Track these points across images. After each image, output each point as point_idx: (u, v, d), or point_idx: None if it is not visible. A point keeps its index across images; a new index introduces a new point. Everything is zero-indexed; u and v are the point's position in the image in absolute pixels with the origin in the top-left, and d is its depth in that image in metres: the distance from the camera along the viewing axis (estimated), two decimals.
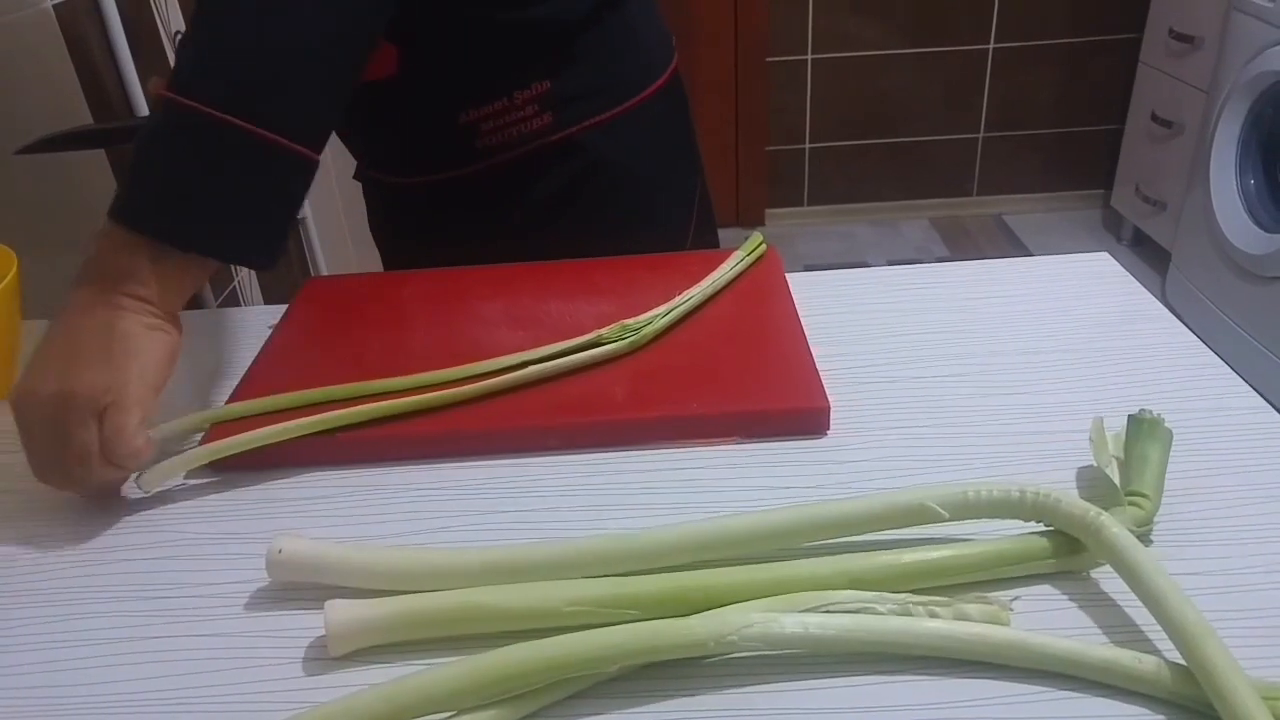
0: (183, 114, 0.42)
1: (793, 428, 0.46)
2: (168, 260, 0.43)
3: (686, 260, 0.59)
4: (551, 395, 0.47)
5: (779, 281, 0.57)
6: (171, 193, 0.43)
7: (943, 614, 0.34)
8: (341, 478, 0.44)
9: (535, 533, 0.40)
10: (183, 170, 0.42)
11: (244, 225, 0.44)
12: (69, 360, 0.40)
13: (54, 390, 0.39)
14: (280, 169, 0.44)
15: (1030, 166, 2.27)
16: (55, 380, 0.40)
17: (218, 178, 0.43)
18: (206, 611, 0.37)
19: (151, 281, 0.42)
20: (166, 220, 0.42)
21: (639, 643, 0.32)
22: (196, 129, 0.42)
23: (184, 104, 0.42)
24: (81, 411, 0.39)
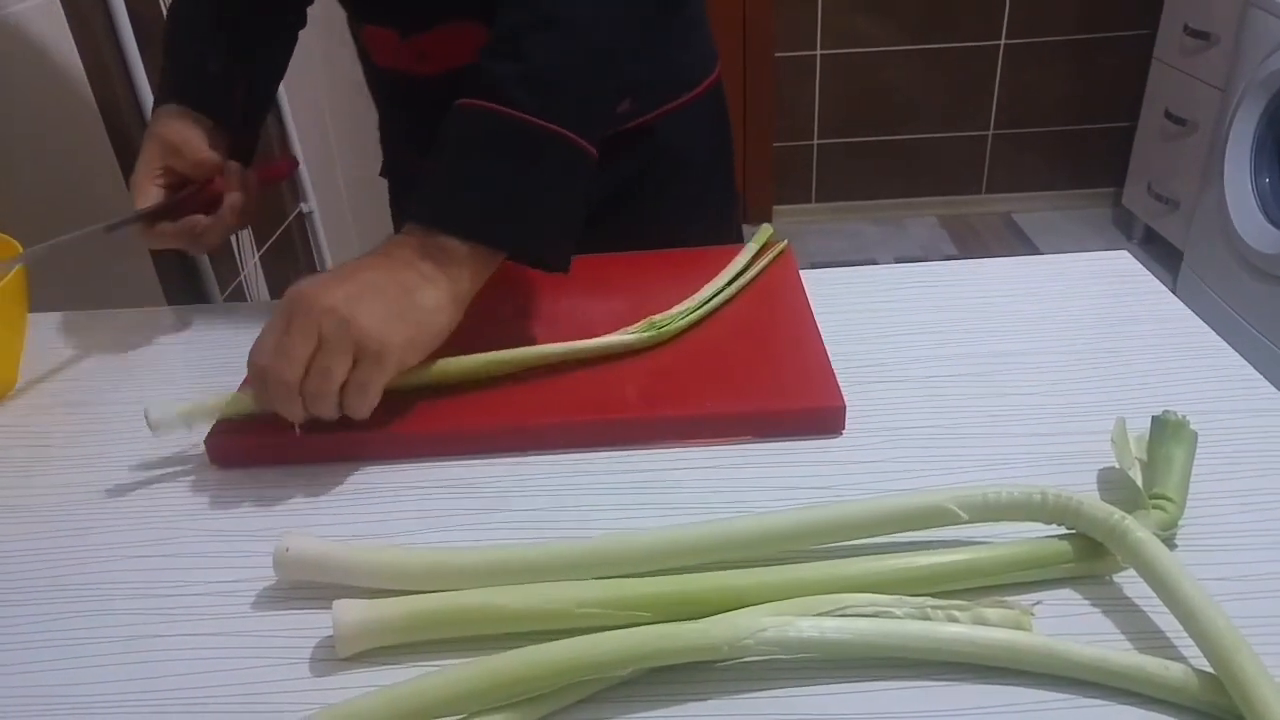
0: (505, 122, 0.44)
1: (807, 427, 0.45)
2: (481, 259, 0.45)
3: (698, 256, 0.59)
4: (564, 393, 0.46)
5: (793, 279, 0.56)
6: (495, 198, 0.45)
7: (962, 618, 0.33)
8: (350, 476, 0.43)
9: (545, 532, 0.39)
10: (508, 177, 0.45)
11: (555, 227, 0.47)
12: (363, 295, 0.42)
13: (338, 310, 0.41)
14: (585, 172, 0.47)
15: (1040, 164, 2.25)
16: (344, 303, 0.41)
17: (525, 178, 0.45)
18: (213, 610, 0.36)
19: (465, 276, 0.45)
20: (490, 224, 0.45)
21: (652, 646, 0.31)
22: (519, 137, 0.45)
23: (506, 113, 0.44)
24: (348, 342, 0.41)
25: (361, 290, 0.42)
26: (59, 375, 0.54)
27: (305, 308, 0.41)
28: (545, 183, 0.46)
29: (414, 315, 0.43)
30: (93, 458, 0.46)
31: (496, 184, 0.45)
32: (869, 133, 2.22)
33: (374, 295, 0.42)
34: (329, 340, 0.41)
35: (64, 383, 0.53)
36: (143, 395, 0.52)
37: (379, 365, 0.42)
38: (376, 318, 0.41)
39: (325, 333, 0.41)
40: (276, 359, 0.41)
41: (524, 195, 0.46)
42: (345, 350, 0.41)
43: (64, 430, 0.49)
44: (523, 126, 0.44)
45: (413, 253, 0.44)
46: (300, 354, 0.41)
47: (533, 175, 0.45)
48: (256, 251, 1.30)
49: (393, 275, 0.43)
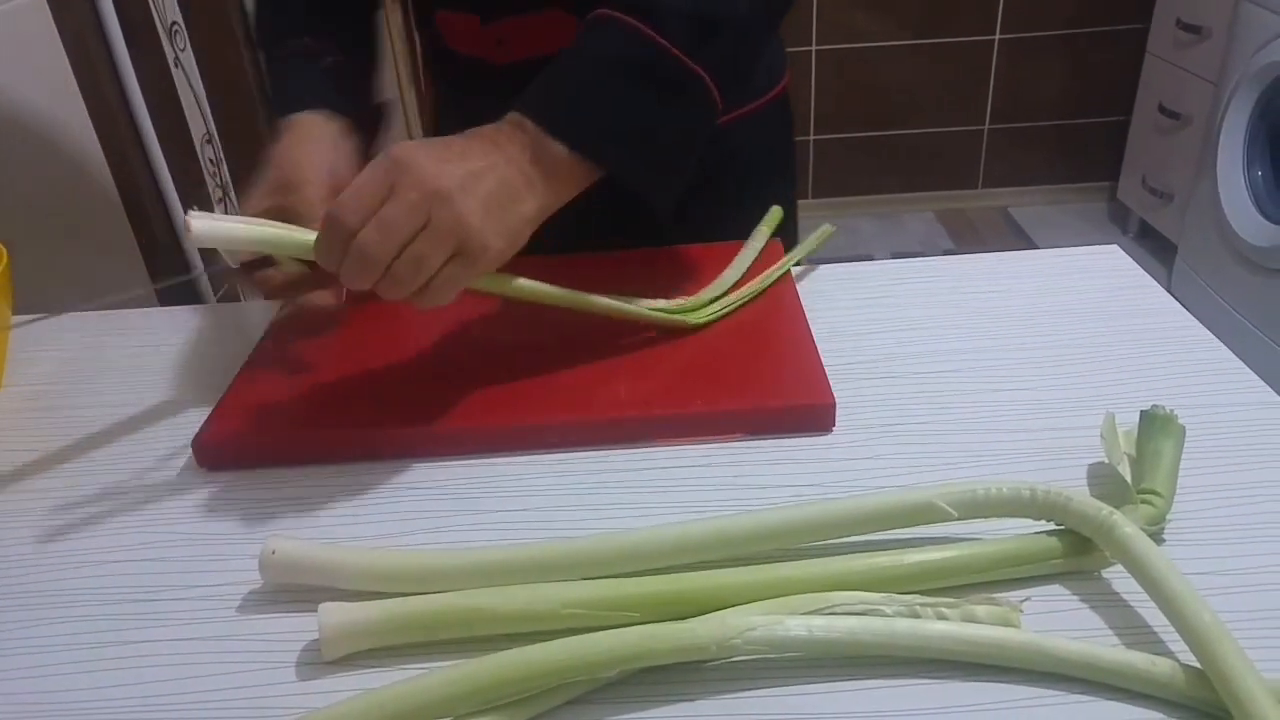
0: (658, 52, 0.43)
1: (798, 424, 0.45)
2: (586, 174, 0.44)
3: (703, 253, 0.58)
4: (555, 393, 0.46)
5: (784, 276, 0.56)
6: (625, 122, 0.44)
7: (951, 615, 0.33)
8: (336, 477, 0.43)
9: (534, 532, 0.39)
10: (642, 105, 0.44)
11: (672, 166, 0.46)
12: (476, 188, 0.40)
13: (454, 199, 0.39)
14: (710, 124, 0.46)
15: (1036, 159, 2.25)
16: (459, 192, 0.39)
17: (663, 111, 0.44)
18: (197, 614, 0.36)
19: (565, 190, 0.43)
20: (612, 147, 0.44)
21: (639, 646, 0.31)
22: (666, 70, 0.43)
23: (662, 45, 0.43)
24: (455, 237, 0.39)
25: (475, 181, 0.40)
26: (46, 377, 0.54)
27: (418, 183, 0.39)
28: (676, 121, 0.45)
29: (514, 223, 0.42)
30: (77, 461, 0.46)
31: (630, 109, 0.44)
32: (865, 128, 2.22)
33: (485, 191, 0.40)
34: (436, 228, 0.39)
35: (51, 385, 0.53)
36: (131, 397, 0.51)
37: (473, 267, 0.40)
38: (485, 217, 0.40)
39: (435, 219, 0.38)
40: (375, 229, 0.38)
41: (653, 127, 0.45)
42: (449, 244, 0.39)
43: (49, 433, 0.48)
44: (673, 62, 0.43)
45: (522, 151, 0.42)
46: (404, 233, 0.38)
47: (667, 111, 0.44)
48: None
49: (498, 170, 0.41)
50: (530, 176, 0.42)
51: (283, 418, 0.45)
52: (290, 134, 0.51)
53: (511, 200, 0.41)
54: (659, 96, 0.44)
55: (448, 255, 0.39)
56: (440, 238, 0.39)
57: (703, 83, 0.45)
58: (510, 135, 0.43)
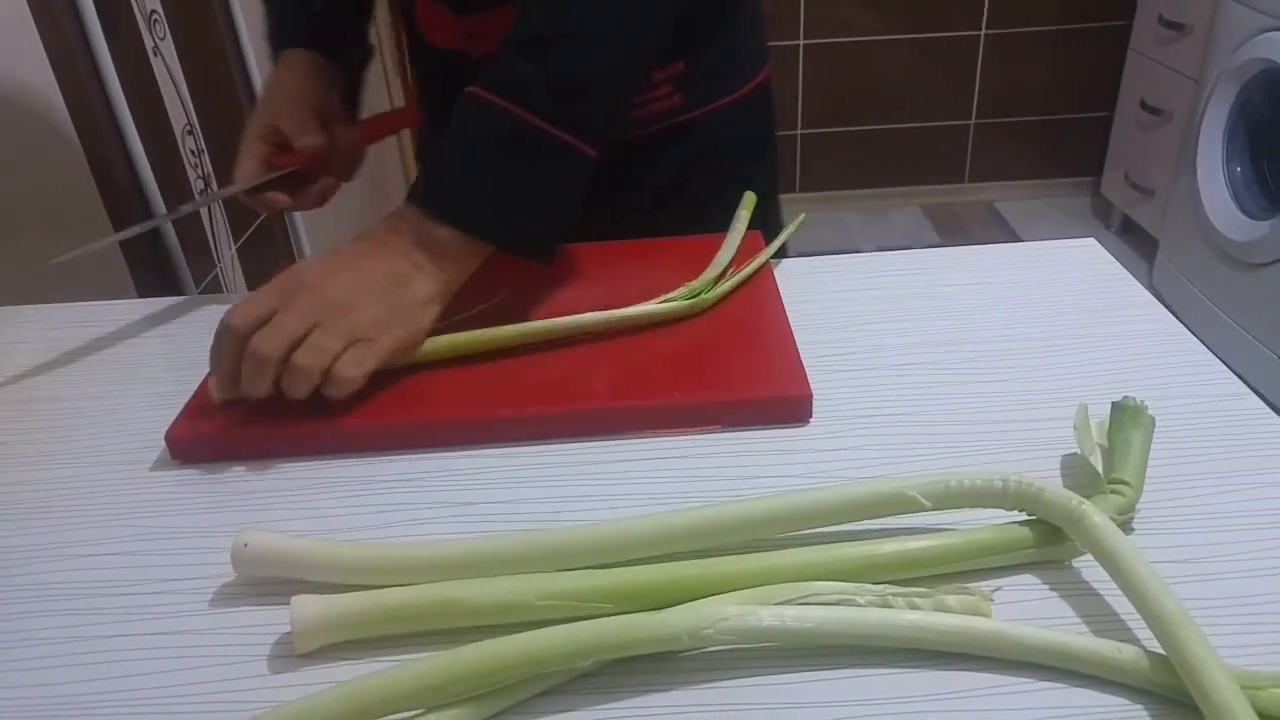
0: (522, 126, 0.46)
1: (774, 417, 0.45)
2: (475, 252, 0.47)
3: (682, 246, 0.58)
4: (530, 385, 0.46)
5: (763, 268, 0.56)
6: (500, 197, 0.47)
7: (923, 605, 0.33)
8: (310, 471, 0.43)
9: (510, 525, 0.39)
10: (516, 178, 0.47)
11: (553, 227, 0.49)
12: (361, 286, 0.44)
13: (338, 300, 0.43)
14: (585, 177, 0.49)
15: (1021, 153, 2.26)
16: (343, 293, 0.43)
17: (535, 180, 0.47)
18: (169, 608, 0.36)
19: (456, 269, 0.47)
20: (492, 222, 0.47)
21: (612, 637, 0.31)
22: (533, 141, 0.46)
23: (525, 118, 0.46)
24: (344, 330, 0.43)
25: (360, 281, 0.44)
26: (21, 368, 0.53)
27: (308, 290, 0.43)
28: (551, 185, 0.48)
29: (404, 305, 0.45)
30: (50, 454, 0.45)
31: (504, 184, 0.47)
32: (853, 122, 2.23)
33: (370, 286, 0.44)
34: (326, 325, 0.43)
35: (26, 377, 0.52)
36: (107, 390, 0.51)
37: (371, 354, 0.43)
38: (373, 306, 0.44)
39: (324, 319, 0.42)
40: (266, 332, 0.42)
41: (529, 196, 0.47)
42: (342, 335, 0.43)
43: (23, 426, 0.48)
44: (538, 133, 0.46)
45: (409, 242, 0.46)
46: (291, 333, 0.42)
47: (540, 178, 0.47)
48: (233, 244, 1.28)
49: (388, 265, 0.45)
50: (418, 262, 0.46)
51: (257, 411, 0.45)
52: (277, 69, 0.59)
53: (399, 286, 0.45)
54: (530, 167, 0.47)
55: (344, 343, 0.43)
56: (333, 330, 0.43)
57: (571, 147, 0.47)
58: (395, 228, 0.47)
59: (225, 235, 1.26)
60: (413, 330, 0.45)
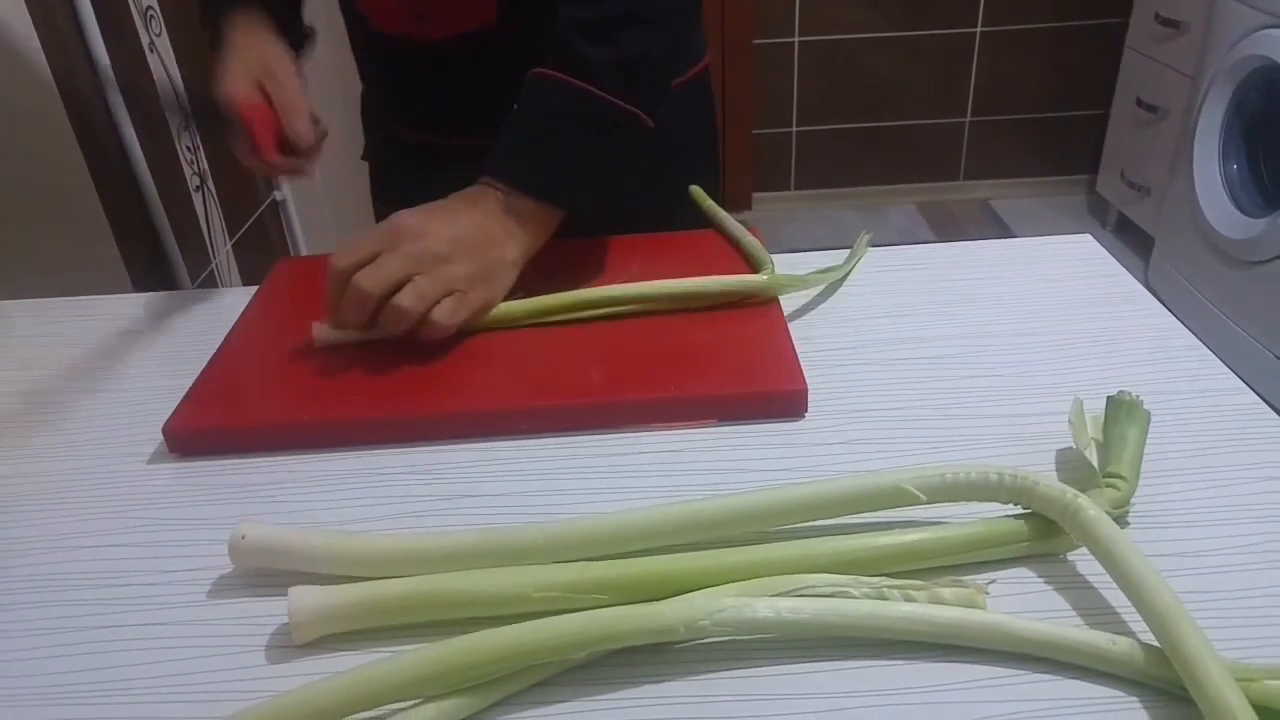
0: (592, 101, 0.49)
1: (770, 410, 0.45)
2: (552, 218, 0.51)
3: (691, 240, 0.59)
4: (528, 379, 0.46)
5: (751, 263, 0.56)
6: (576, 167, 0.51)
7: (918, 597, 0.33)
8: (308, 463, 0.43)
9: (506, 518, 0.39)
10: (588, 149, 0.51)
11: (618, 194, 0.53)
12: (462, 242, 0.47)
13: (442, 251, 0.46)
14: (649, 146, 0.53)
15: (1017, 151, 2.26)
16: (447, 245, 0.46)
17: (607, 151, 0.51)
18: (168, 599, 0.36)
19: (537, 234, 0.51)
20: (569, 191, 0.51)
21: (608, 628, 0.31)
22: (603, 115, 0.50)
23: (595, 94, 0.49)
24: (444, 281, 0.46)
25: (459, 236, 0.47)
26: (18, 361, 0.53)
27: (411, 239, 0.46)
28: (619, 155, 0.52)
29: (495, 265, 0.49)
30: (49, 446, 0.46)
31: (579, 154, 0.51)
32: (848, 120, 2.23)
33: (470, 244, 0.47)
34: (426, 273, 0.45)
35: (23, 371, 0.52)
36: (105, 383, 0.51)
37: (464, 303, 0.47)
38: (469, 262, 0.47)
39: (425, 268, 0.45)
40: (369, 271, 0.45)
41: (600, 166, 0.52)
42: (438, 285, 0.46)
43: (23, 418, 0.48)
44: (608, 107, 0.50)
45: (497, 205, 0.50)
46: (392, 272, 0.45)
47: (610, 149, 0.51)
48: (229, 239, 1.28)
49: (481, 225, 0.48)
50: (507, 226, 0.50)
51: (254, 404, 0.45)
52: (244, 28, 0.58)
53: (490, 245, 0.49)
54: (601, 139, 0.51)
55: (441, 292, 0.46)
56: (432, 278, 0.46)
57: (638, 118, 0.51)
58: (484, 193, 0.50)
59: (221, 231, 1.26)
60: (497, 290, 0.49)
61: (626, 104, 0.50)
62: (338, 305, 0.46)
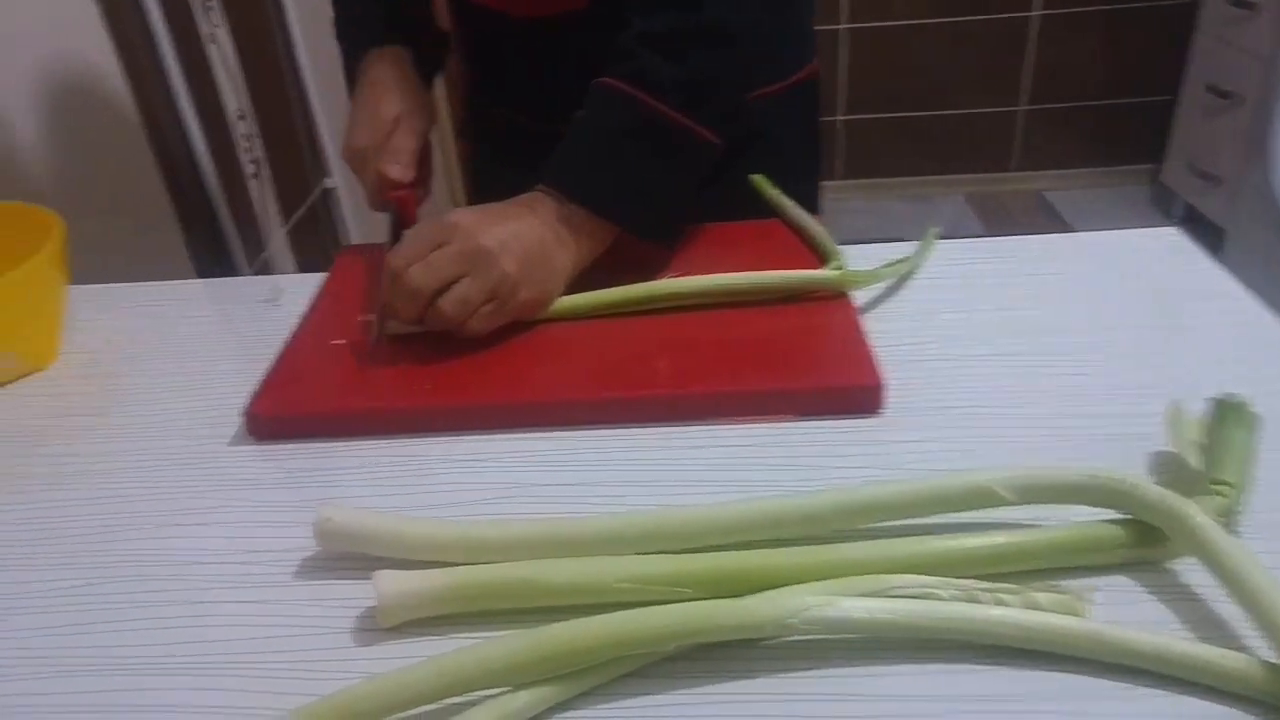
0: (657, 117, 0.49)
1: (845, 406, 0.44)
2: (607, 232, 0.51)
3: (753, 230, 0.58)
4: (594, 368, 0.46)
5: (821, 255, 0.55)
6: (635, 183, 0.50)
7: (1011, 602, 0.32)
8: (383, 449, 0.43)
9: (579, 507, 0.39)
10: (649, 166, 0.50)
11: (678, 212, 0.53)
12: (514, 244, 0.47)
13: (493, 251, 0.46)
14: (710, 165, 0.52)
15: (1074, 141, 2.19)
16: (499, 246, 0.46)
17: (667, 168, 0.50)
18: (256, 578, 0.36)
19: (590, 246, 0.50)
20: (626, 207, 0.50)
21: (697, 622, 0.31)
22: (667, 133, 0.49)
23: (661, 111, 0.48)
24: (492, 282, 0.46)
25: (514, 239, 0.47)
26: (99, 345, 0.54)
27: (464, 237, 0.46)
28: (680, 174, 0.51)
29: (546, 275, 0.48)
30: (133, 427, 0.47)
31: (638, 171, 0.50)
32: (897, 108, 2.18)
33: (522, 247, 0.47)
34: (477, 276, 0.45)
35: (102, 354, 0.54)
36: (182, 366, 0.52)
37: (504, 310, 0.47)
38: (520, 269, 0.46)
39: (477, 269, 0.45)
40: (420, 267, 0.45)
41: (660, 184, 0.50)
42: (486, 288, 0.45)
43: (104, 400, 0.49)
44: (673, 125, 0.49)
45: (553, 213, 0.49)
46: (445, 273, 0.45)
47: (671, 167, 0.50)
48: (284, 226, 1.30)
49: (535, 231, 0.48)
50: (561, 235, 0.49)
51: (333, 390, 0.45)
52: (374, 74, 0.58)
53: (545, 256, 0.48)
54: (663, 157, 0.50)
55: (485, 297, 0.46)
56: (480, 284, 0.45)
57: (703, 138, 0.50)
58: (540, 200, 0.49)
59: (275, 217, 1.29)
60: (543, 295, 0.48)
61: (692, 123, 0.49)
62: (392, 301, 0.46)
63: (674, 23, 0.49)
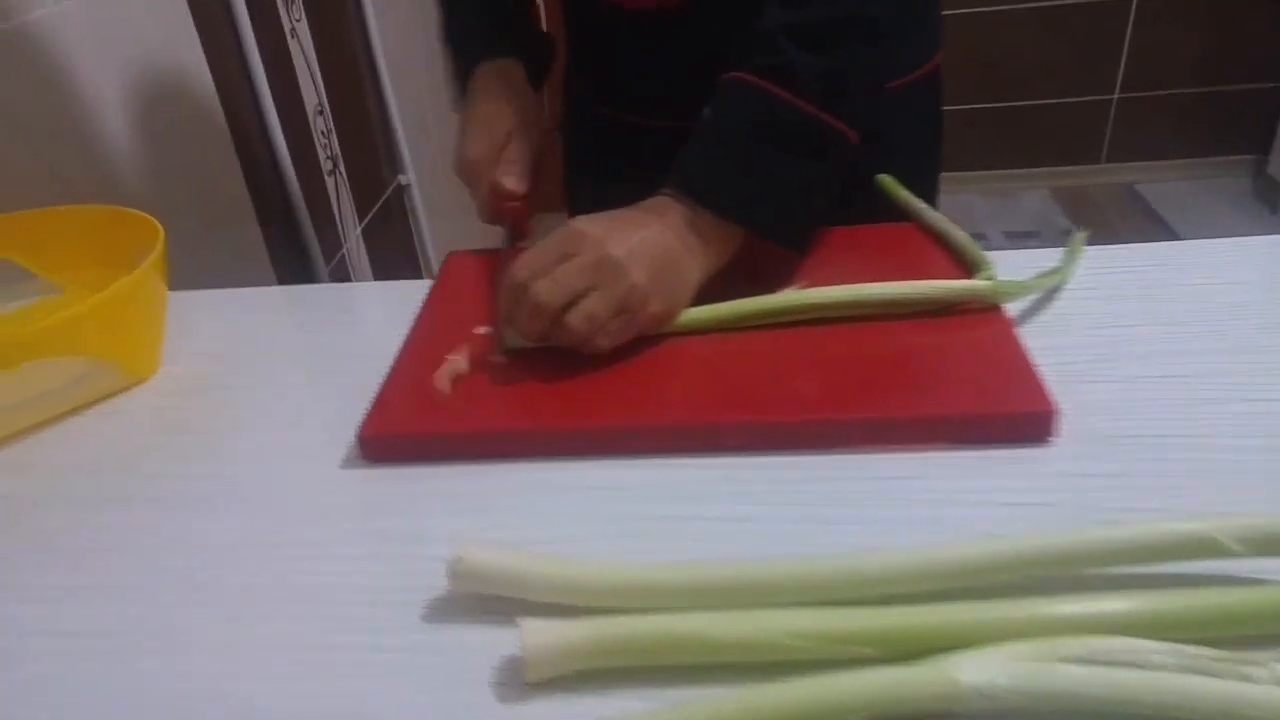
0: (794, 114, 0.45)
1: (1011, 434, 0.39)
2: (739, 238, 0.47)
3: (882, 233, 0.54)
4: (730, 389, 0.42)
5: (969, 267, 0.50)
6: (770, 186, 0.46)
7: (1256, 675, 0.27)
8: (509, 473, 0.40)
9: (726, 544, 0.35)
10: (787, 168, 0.46)
11: (814, 217, 0.49)
12: (642, 255, 0.43)
13: (622, 263, 0.43)
14: (849, 164, 0.48)
15: (1169, 130, 2.06)
16: (627, 257, 0.43)
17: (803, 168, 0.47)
18: (380, 620, 0.33)
19: (721, 253, 0.47)
20: (761, 212, 0.47)
21: (892, 691, 0.27)
22: (806, 131, 0.45)
23: (799, 107, 0.45)
24: (620, 296, 0.42)
25: (639, 249, 0.43)
26: (201, 357, 0.53)
27: (591, 247, 0.43)
28: (819, 175, 0.47)
29: (675, 286, 0.45)
30: (239, 448, 0.44)
31: (772, 172, 0.46)
32: (978, 99, 2.08)
33: (651, 257, 0.44)
34: (606, 289, 0.42)
35: (207, 365, 0.52)
36: (288, 379, 0.50)
37: (633, 325, 0.44)
38: (650, 281, 0.43)
39: (605, 281, 0.42)
40: (545, 281, 0.42)
41: (799, 186, 0.47)
42: (615, 302, 0.42)
43: (208, 417, 0.47)
44: (811, 121, 0.45)
45: (681, 219, 0.46)
46: (573, 286, 0.42)
47: (811, 168, 0.47)
48: (359, 224, 1.30)
49: (663, 239, 0.45)
50: (688, 241, 0.45)
51: (448, 411, 0.42)
52: (485, 86, 0.56)
53: (675, 265, 0.45)
54: (799, 156, 0.46)
55: (613, 312, 0.43)
56: (609, 297, 0.42)
57: (842, 135, 0.46)
58: (667, 205, 0.46)
59: (351, 214, 1.28)
60: (672, 307, 0.45)
61: (833, 120, 0.45)
62: (514, 316, 0.43)
63: (816, 13, 0.46)
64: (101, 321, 0.45)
